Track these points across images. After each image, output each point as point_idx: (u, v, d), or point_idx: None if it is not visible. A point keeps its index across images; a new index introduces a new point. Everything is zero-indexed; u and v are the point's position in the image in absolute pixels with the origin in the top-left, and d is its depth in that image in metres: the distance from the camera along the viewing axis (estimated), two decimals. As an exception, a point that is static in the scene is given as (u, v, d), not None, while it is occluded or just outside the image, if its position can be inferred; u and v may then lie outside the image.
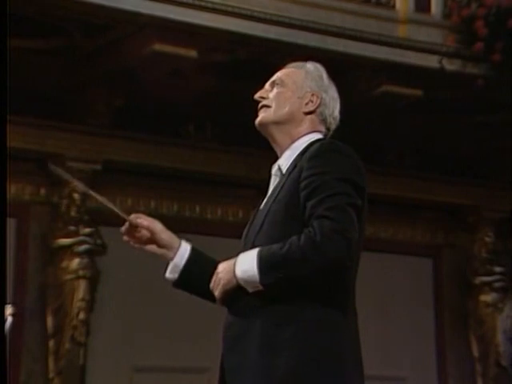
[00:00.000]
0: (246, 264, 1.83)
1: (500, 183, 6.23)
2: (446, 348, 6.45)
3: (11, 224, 5.04)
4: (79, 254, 5.10)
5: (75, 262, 5.10)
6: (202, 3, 4.43)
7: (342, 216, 1.78)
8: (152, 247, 2.00)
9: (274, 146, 2.06)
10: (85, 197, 5.25)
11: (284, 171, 1.98)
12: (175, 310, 5.33)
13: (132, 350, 5.30)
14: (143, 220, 2.00)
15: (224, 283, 1.86)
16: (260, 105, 2.05)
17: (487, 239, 6.51)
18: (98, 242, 5.16)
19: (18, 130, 4.88)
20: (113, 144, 5.28)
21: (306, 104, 2.02)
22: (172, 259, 2.00)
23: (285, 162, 2.00)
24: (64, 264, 5.11)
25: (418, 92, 5.23)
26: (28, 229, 5.19)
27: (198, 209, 5.66)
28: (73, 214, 5.16)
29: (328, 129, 2.05)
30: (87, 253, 5.11)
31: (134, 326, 5.30)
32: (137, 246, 2.01)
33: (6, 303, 2.07)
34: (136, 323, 5.30)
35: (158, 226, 2.00)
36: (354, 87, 5.18)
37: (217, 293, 1.87)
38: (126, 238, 2.00)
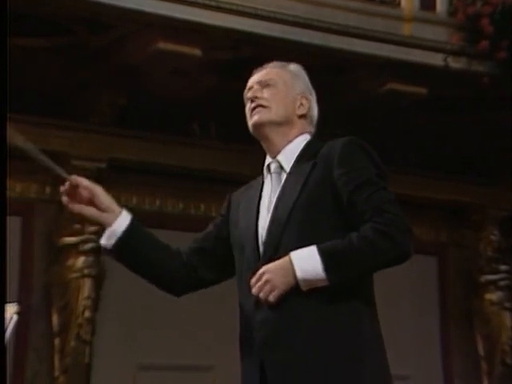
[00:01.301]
0: (306, 263, 1.80)
1: (505, 181, 6.21)
2: (451, 346, 6.44)
3: (16, 222, 5.04)
4: (84, 253, 5.10)
5: (80, 261, 5.10)
6: (206, 1, 4.43)
7: (398, 209, 1.85)
8: (91, 210, 1.96)
9: (266, 145, 2.05)
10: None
11: (288, 169, 1.99)
12: (180, 308, 5.32)
13: (137, 348, 5.31)
14: (84, 180, 1.97)
15: (283, 288, 1.81)
16: (254, 104, 2.01)
17: (492, 237, 6.49)
18: (103, 240, 5.15)
19: (22, 128, 4.87)
20: (117, 142, 5.28)
21: (298, 107, 2.03)
22: (110, 225, 1.97)
23: (286, 160, 2.00)
24: (69, 262, 5.11)
25: (423, 90, 5.22)
26: (33, 227, 5.19)
27: (202, 207, 5.67)
28: (77, 212, 5.17)
29: (313, 128, 2.08)
30: (92, 251, 5.11)
31: (139, 324, 5.31)
32: (76, 208, 1.96)
33: (5, 302, 2.06)
34: (141, 321, 5.30)
35: (98, 189, 1.97)
36: (359, 85, 5.17)
37: (271, 297, 1.81)
38: (65, 198, 1.96)
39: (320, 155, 1.94)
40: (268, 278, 1.82)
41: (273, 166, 2.03)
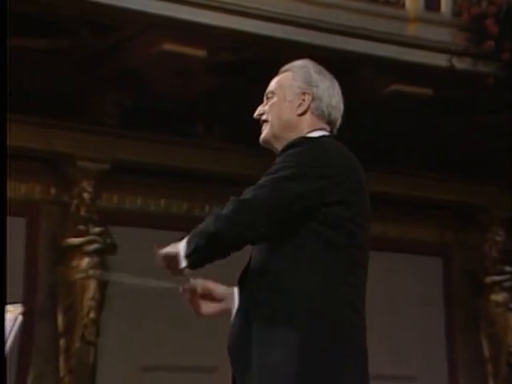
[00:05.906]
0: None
1: (510, 182, 6.20)
2: (456, 348, 6.43)
3: (21, 223, 5.05)
4: (89, 254, 5.11)
5: (85, 262, 5.11)
6: (211, 2, 4.43)
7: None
8: (215, 308, 2.06)
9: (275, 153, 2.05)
10: (95, 196, 5.27)
11: None
12: (184, 308, 5.32)
13: (142, 349, 5.31)
14: (198, 285, 2.01)
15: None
16: (261, 121, 2.05)
17: (498, 238, 6.47)
18: (108, 241, 5.16)
19: (28, 129, 4.90)
20: (122, 143, 5.28)
21: (299, 106, 2.01)
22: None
23: None
24: (74, 263, 5.12)
25: (428, 91, 5.21)
26: (38, 228, 5.20)
27: (207, 207, 5.66)
28: (83, 213, 5.18)
29: (330, 122, 2.02)
30: (97, 252, 5.12)
31: (143, 325, 5.31)
32: (205, 313, 2.06)
33: (5, 303, 2.07)
34: (145, 322, 5.30)
35: (211, 284, 2.03)
36: (363, 86, 5.16)
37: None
38: (193, 310, 2.06)
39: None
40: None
41: None
